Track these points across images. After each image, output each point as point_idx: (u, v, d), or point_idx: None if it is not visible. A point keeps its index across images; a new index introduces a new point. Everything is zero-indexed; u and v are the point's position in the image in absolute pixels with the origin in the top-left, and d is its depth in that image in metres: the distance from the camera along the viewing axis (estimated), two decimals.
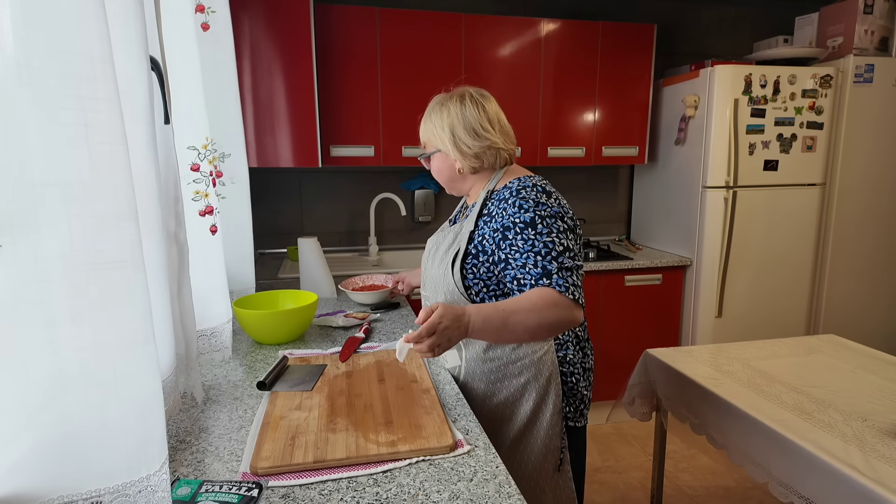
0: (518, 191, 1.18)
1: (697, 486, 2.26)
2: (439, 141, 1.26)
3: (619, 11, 3.05)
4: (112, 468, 0.62)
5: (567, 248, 1.12)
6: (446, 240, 1.31)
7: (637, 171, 3.26)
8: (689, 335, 2.84)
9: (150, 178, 0.86)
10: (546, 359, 1.23)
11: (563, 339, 1.26)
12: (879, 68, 2.69)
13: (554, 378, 1.23)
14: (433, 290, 1.31)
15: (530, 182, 1.20)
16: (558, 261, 1.10)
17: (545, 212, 1.14)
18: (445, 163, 1.29)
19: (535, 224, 1.13)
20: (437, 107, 1.27)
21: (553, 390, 1.23)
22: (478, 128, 1.23)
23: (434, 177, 1.36)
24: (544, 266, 1.10)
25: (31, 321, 0.56)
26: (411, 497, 0.79)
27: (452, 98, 1.26)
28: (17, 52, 0.53)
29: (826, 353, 1.82)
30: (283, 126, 2.40)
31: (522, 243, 1.12)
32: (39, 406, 0.58)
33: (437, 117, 1.26)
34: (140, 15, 0.80)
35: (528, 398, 1.22)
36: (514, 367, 1.22)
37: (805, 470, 1.23)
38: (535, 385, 1.22)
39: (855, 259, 2.87)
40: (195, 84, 1.21)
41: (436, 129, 1.26)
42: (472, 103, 1.24)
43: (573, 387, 1.27)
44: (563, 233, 1.13)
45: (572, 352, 1.27)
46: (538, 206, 1.14)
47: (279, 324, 1.43)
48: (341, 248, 2.96)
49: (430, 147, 1.31)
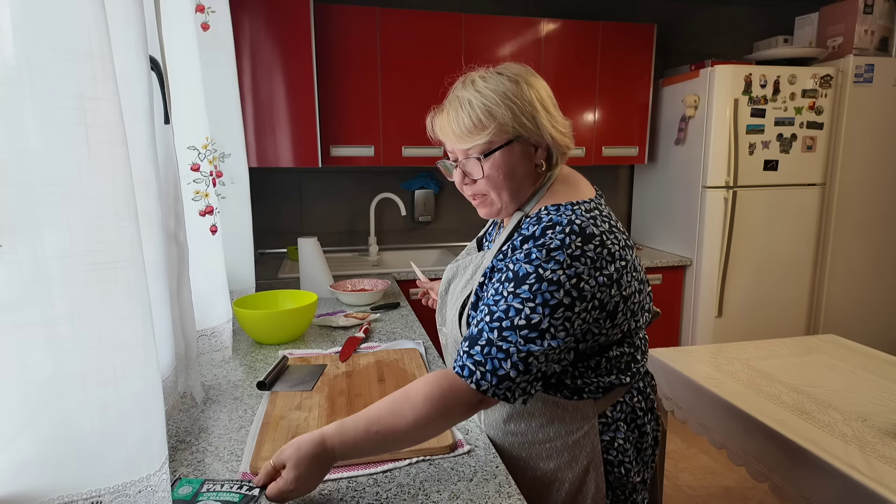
0: (544, 230, 0.84)
1: (697, 486, 2.26)
2: (525, 121, 0.87)
3: (619, 11, 3.05)
4: (112, 468, 0.62)
5: (532, 325, 0.79)
6: (466, 273, 1.01)
7: (637, 171, 3.26)
8: (689, 335, 2.84)
9: (150, 178, 0.86)
10: (584, 443, 0.93)
11: (613, 416, 0.94)
12: (879, 68, 2.69)
13: (594, 468, 0.93)
14: (452, 329, 1.01)
15: (567, 217, 0.84)
16: (502, 333, 0.80)
17: (549, 273, 0.80)
18: (524, 156, 0.90)
19: (523, 282, 0.81)
20: (495, 77, 0.88)
21: (592, 483, 0.93)
22: (554, 100, 0.92)
23: (491, 189, 0.91)
24: (481, 329, 0.82)
25: (31, 321, 0.56)
26: (411, 497, 0.79)
27: (505, 66, 0.91)
28: (17, 52, 0.53)
29: (826, 353, 1.82)
30: (283, 126, 2.40)
31: (491, 294, 0.84)
32: (39, 406, 0.58)
33: (514, 89, 0.86)
34: (140, 15, 0.80)
35: (560, 488, 0.94)
36: (540, 448, 0.95)
37: (805, 470, 1.23)
38: (569, 474, 0.93)
39: (855, 259, 2.87)
40: (195, 84, 1.21)
41: (514, 104, 0.86)
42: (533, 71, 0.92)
43: (621, 477, 0.95)
44: (547, 307, 0.79)
45: (623, 434, 0.94)
46: (548, 262, 0.80)
47: (279, 324, 1.43)
48: (341, 248, 2.95)
49: (498, 137, 0.87)
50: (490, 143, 0.87)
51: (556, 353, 0.81)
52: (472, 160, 0.89)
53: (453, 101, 0.90)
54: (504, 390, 0.80)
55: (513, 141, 0.88)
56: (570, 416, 0.92)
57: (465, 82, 0.90)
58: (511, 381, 0.80)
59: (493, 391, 0.80)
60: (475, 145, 0.87)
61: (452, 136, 0.89)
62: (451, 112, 0.89)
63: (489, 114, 0.86)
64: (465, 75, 0.93)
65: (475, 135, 0.87)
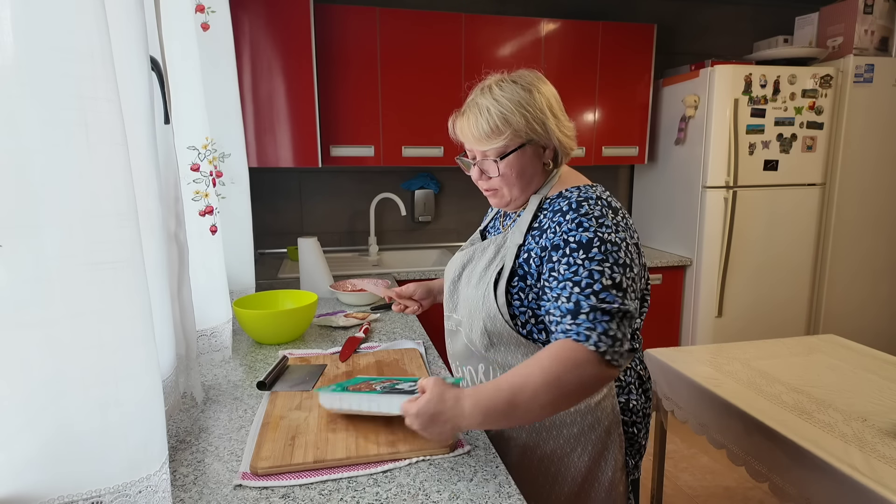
0: (579, 204, 0.94)
1: (697, 486, 2.26)
2: (537, 127, 0.97)
3: (619, 11, 3.05)
4: (112, 468, 0.62)
5: (616, 284, 0.87)
6: (486, 254, 1.06)
7: (637, 171, 3.26)
8: (689, 335, 2.84)
9: (150, 178, 0.87)
10: (605, 405, 1.01)
11: (626, 380, 1.05)
12: (879, 68, 2.69)
13: (615, 428, 1.02)
14: (469, 315, 1.05)
15: (594, 193, 0.97)
16: (598, 296, 0.86)
17: (607, 235, 0.90)
18: (535, 157, 1.00)
19: (591, 247, 0.89)
20: (511, 87, 0.97)
21: (615, 443, 1.02)
22: (562, 105, 1.02)
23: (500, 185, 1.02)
24: (577, 301, 0.86)
25: (31, 321, 0.56)
26: (411, 497, 0.79)
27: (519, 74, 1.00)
28: (17, 52, 0.53)
29: (826, 353, 1.82)
30: (283, 126, 2.40)
31: (565, 269, 0.89)
32: (40, 406, 0.58)
33: (528, 98, 0.96)
34: (140, 15, 0.80)
35: (583, 453, 1.00)
36: (564, 413, 1.00)
37: (805, 470, 1.23)
38: (592, 436, 1.00)
39: (855, 259, 2.87)
40: (195, 84, 1.21)
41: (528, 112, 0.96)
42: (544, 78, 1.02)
43: (633, 437, 1.05)
44: (619, 266, 0.88)
45: (635, 396, 1.05)
46: (601, 227, 0.90)
47: (279, 324, 1.43)
48: (341, 248, 2.95)
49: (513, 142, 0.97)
50: (506, 147, 0.98)
51: (634, 300, 0.90)
52: (489, 160, 1.01)
53: (473, 107, 0.99)
54: (617, 356, 0.84)
55: (525, 144, 0.99)
56: None
57: (482, 89, 1.00)
58: (622, 335, 0.85)
59: (613, 354, 0.84)
60: (492, 148, 0.98)
61: (472, 139, 1.00)
62: (470, 117, 0.99)
63: (505, 121, 0.96)
64: (482, 82, 1.03)
65: (492, 139, 0.97)
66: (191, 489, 0.82)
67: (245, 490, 0.81)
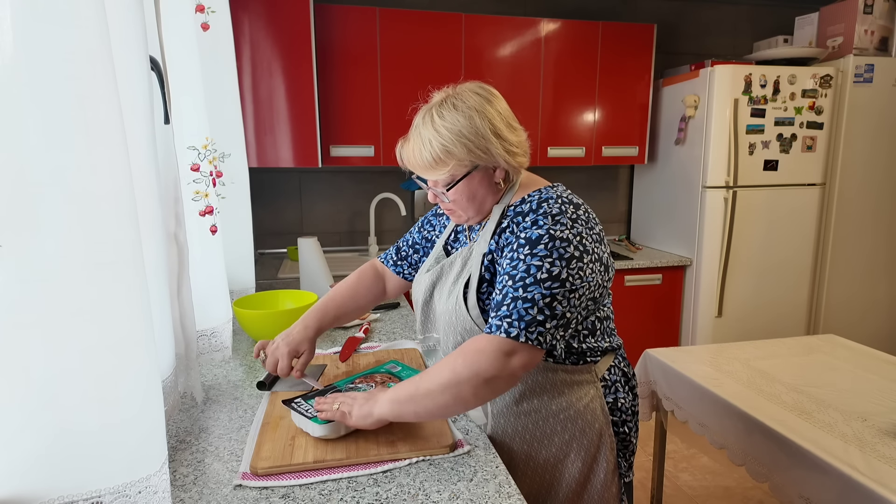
0: (539, 204, 0.96)
1: (697, 486, 2.26)
2: (480, 153, 0.94)
3: (619, 11, 3.05)
4: (112, 468, 0.62)
5: (553, 276, 0.86)
6: (454, 268, 1.05)
7: (637, 171, 3.26)
8: (689, 335, 2.84)
9: (149, 178, 0.86)
10: (593, 406, 1.01)
11: (612, 379, 1.04)
12: (879, 68, 2.69)
13: (605, 430, 1.01)
14: (445, 330, 1.04)
15: (554, 193, 0.97)
16: (527, 288, 0.86)
17: (559, 231, 0.90)
18: (484, 180, 0.98)
19: (538, 243, 0.89)
20: (452, 115, 0.94)
21: (606, 445, 1.01)
22: (512, 119, 0.99)
23: (456, 207, 1.01)
24: (505, 293, 0.88)
25: (31, 321, 0.56)
26: (411, 497, 0.79)
27: (461, 97, 0.96)
28: (17, 52, 0.53)
29: (826, 353, 1.82)
30: (283, 126, 2.40)
31: (507, 263, 0.91)
32: (39, 406, 0.58)
33: (468, 126, 0.93)
34: (140, 15, 0.80)
35: (576, 458, 1.00)
36: (555, 421, 0.99)
37: (805, 470, 1.23)
38: (584, 441, 1.00)
39: (855, 259, 2.87)
40: (195, 84, 1.20)
41: (469, 141, 0.93)
42: (489, 94, 0.98)
43: (625, 437, 1.04)
44: (563, 259, 0.88)
45: (623, 394, 1.04)
46: (555, 224, 0.91)
47: (279, 324, 1.43)
48: (341, 248, 2.96)
49: (458, 171, 0.96)
50: (452, 177, 0.97)
51: (577, 298, 0.89)
52: (438, 188, 1.00)
53: (416, 136, 0.98)
54: (536, 334, 0.86)
55: (471, 171, 0.97)
56: (576, 382, 1.01)
57: (425, 116, 0.98)
58: (540, 325, 0.86)
59: (526, 335, 0.85)
60: (438, 179, 0.98)
61: (418, 168, 0.99)
62: (414, 147, 0.98)
63: (447, 152, 0.94)
64: (425, 106, 1.00)
65: (437, 170, 0.96)
66: (191, 489, 0.82)
67: (245, 490, 0.81)
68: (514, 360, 0.85)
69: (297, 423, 0.96)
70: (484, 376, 0.84)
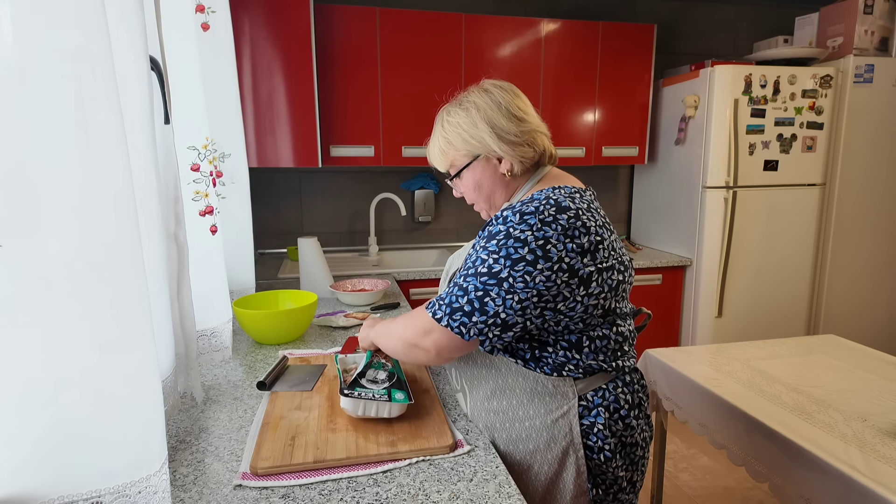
0: (527, 203, 0.92)
1: (697, 486, 2.26)
2: (475, 143, 1.01)
3: (619, 11, 3.05)
4: (112, 468, 0.62)
5: (493, 273, 0.87)
6: (459, 259, 1.10)
7: (637, 171, 3.26)
8: (689, 335, 2.84)
9: (149, 178, 0.87)
10: (561, 423, 0.95)
11: (594, 401, 0.96)
12: (879, 68, 2.69)
13: (574, 450, 0.95)
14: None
15: (548, 193, 0.94)
16: (466, 278, 0.89)
17: (518, 232, 0.88)
18: (486, 170, 1.03)
19: (493, 238, 0.90)
20: (455, 110, 1.03)
21: (572, 466, 0.95)
22: (515, 110, 1.01)
23: (470, 199, 1.09)
24: (454, 278, 0.94)
25: (30, 321, 0.56)
26: (411, 497, 0.79)
27: (472, 93, 1.04)
28: (17, 52, 0.53)
29: (826, 353, 1.82)
30: (283, 126, 2.40)
31: (467, 256, 0.95)
32: (39, 406, 0.58)
33: (465, 118, 1.01)
34: (140, 15, 0.80)
35: (539, 472, 0.96)
36: (520, 427, 0.97)
37: (805, 470, 1.23)
38: (548, 456, 0.95)
39: (855, 259, 2.87)
40: (195, 84, 1.21)
41: (465, 131, 1.01)
42: (498, 90, 1.03)
43: (601, 464, 0.96)
44: (508, 259, 0.86)
45: (604, 420, 0.96)
46: (520, 223, 0.88)
47: (279, 324, 1.43)
48: (341, 248, 2.95)
49: (459, 160, 1.04)
50: (456, 167, 1.07)
51: (516, 302, 0.87)
52: (452, 180, 1.11)
53: (432, 134, 1.10)
54: (458, 324, 0.89)
55: (472, 161, 1.04)
56: (549, 394, 0.96)
57: (440, 116, 1.09)
58: (465, 315, 0.88)
59: (448, 320, 0.89)
60: (446, 169, 1.10)
61: (432, 161, 1.11)
62: (430, 143, 1.11)
63: (448, 143, 1.05)
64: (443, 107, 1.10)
65: (443, 161, 1.09)
66: (191, 489, 0.82)
67: (245, 490, 0.81)
68: (430, 338, 0.92)
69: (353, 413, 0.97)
70: (409, 341, 0.96)
